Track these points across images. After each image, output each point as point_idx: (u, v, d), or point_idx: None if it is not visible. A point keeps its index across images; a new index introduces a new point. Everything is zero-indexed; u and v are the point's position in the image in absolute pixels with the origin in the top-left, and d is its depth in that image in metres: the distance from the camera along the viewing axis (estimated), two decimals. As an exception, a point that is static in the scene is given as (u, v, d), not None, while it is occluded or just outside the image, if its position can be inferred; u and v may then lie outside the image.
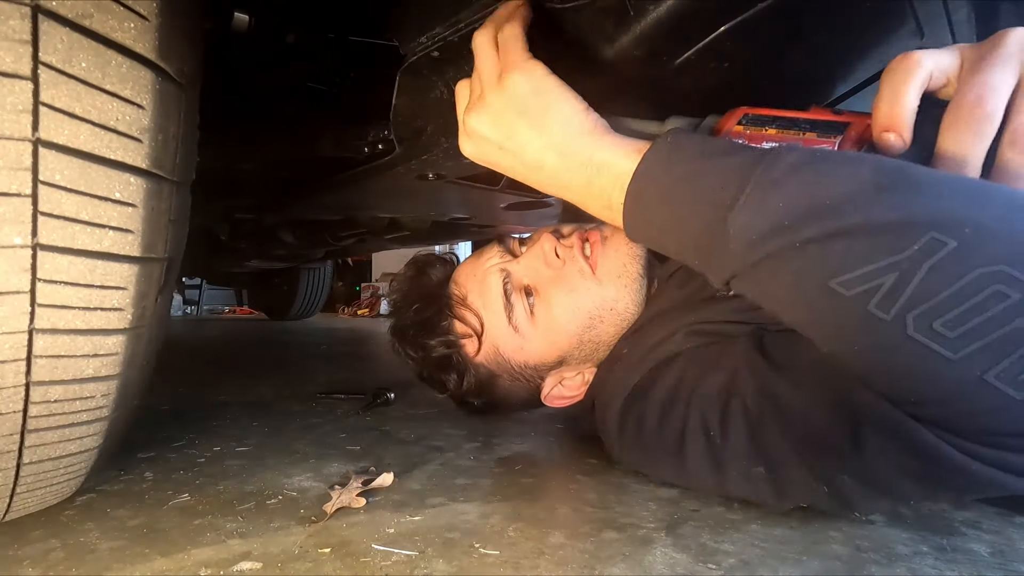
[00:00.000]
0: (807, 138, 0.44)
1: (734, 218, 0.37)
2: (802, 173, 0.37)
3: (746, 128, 0.45)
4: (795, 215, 0.35)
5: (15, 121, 0.34)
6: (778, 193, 0.36)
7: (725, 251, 0.38)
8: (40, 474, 0.47)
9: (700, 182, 0.39)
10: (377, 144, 0.76)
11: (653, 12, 0.42)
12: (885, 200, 0.34)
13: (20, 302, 0.37)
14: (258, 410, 1.00)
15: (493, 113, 0.46)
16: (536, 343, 0.68)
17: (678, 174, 0.40)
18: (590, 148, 0.44)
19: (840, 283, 0.34)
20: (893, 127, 0.39)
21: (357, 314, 4.65)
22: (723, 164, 0.39)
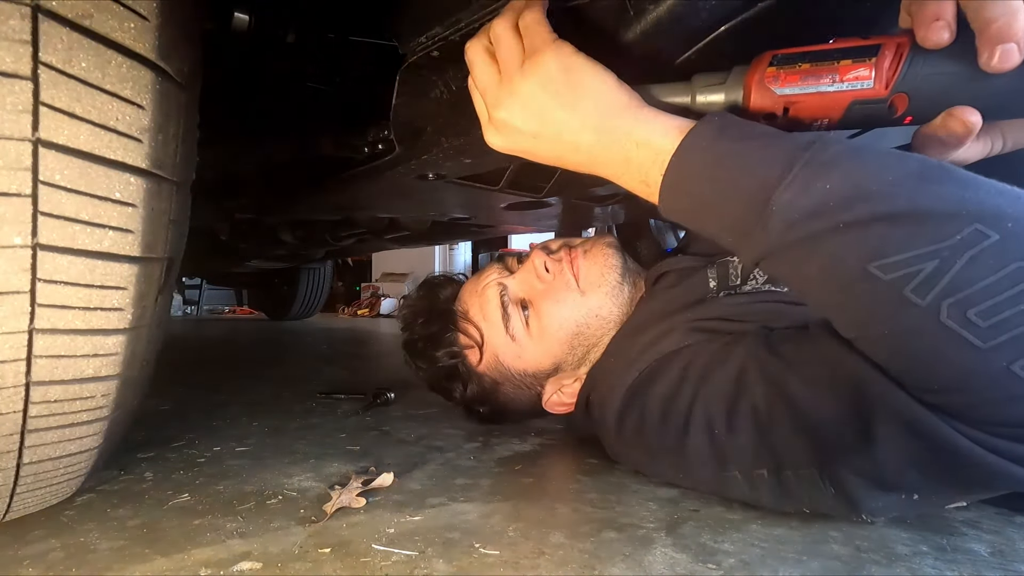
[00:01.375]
0: (843, 65, 0.43)
1: (779, 196, 0.38)
2: (850, 160, 0.38)
3: (779, 69, 0.45)
4: (840, 197, 0.36)
5: (15, 121, 0.34)
6: (825, 176, 0.37)
7: (764, 228, 0.39)
8: (40, 474, 0.47)
9: (746, 161, 0.40)
10: (377, 144, 0.76)
11: (653, 12, 0.42)
12: (931, 190, 0.35)
13: (20, 302, 0.37)
14: (258, 410, 1.00)
15: (522, 100, 0.46)
16: (532, 351, 0.73)
17: (722, 151, 0.41)
18: (628, 124, 0.44)
19: (878, 266, 0.35)
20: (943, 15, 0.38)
21: (357, 314, 4.65)
22: (770, 145, 0.40)
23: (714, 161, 0.41)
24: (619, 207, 1.16)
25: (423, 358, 0.80)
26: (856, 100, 0.42)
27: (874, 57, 0.42)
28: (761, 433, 0.50)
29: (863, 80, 0.42)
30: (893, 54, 0.42)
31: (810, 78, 0.44)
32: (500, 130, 0.49)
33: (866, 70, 0.42)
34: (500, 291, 0.74)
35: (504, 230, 1.63)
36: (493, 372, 0.76)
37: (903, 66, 0.41)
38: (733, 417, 0.52)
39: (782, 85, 0.44)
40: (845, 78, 0.42)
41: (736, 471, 0.53)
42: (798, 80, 0.44)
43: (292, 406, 1.04)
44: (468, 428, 0.88)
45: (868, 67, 0.42)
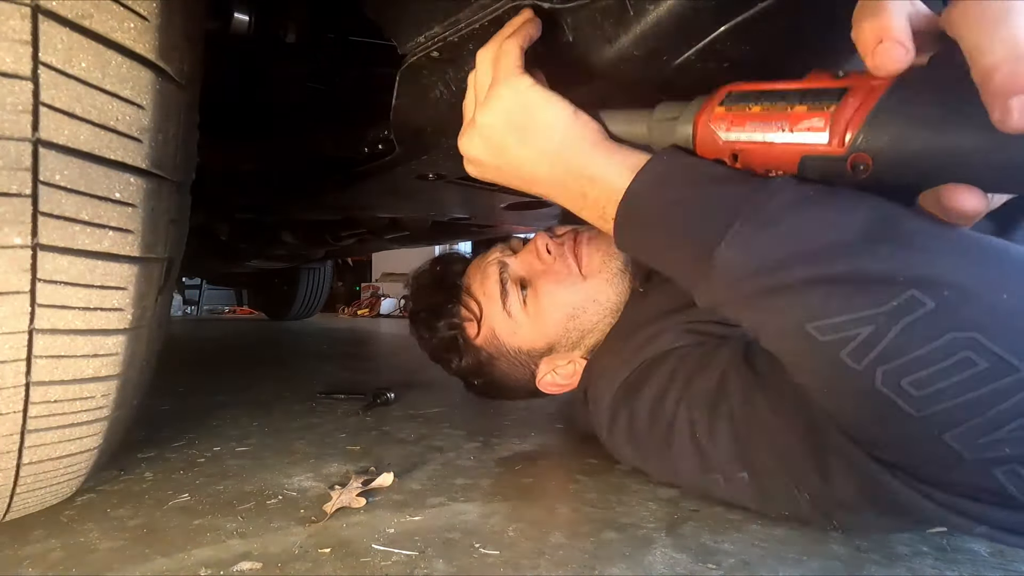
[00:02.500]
0: (795, 112, 0.37)
1: (720, 253, 0.37)
2: (792, 215, 0.36)
3: (728, 110, 0.40)
4: (780, 258, 0.36)
5: (15, 121, 0.34)
6: (765, 234, 0.36)
7: (709, 282, 0.39)
8: (40, 474, 0.47)
9: (689, 211, 0.40)
10: (377, 144, 0.76)
11: (653, 12, 0.42)
12: (873, 251, 0.34)
13: (20, 302, 0.37)
14: (258, 410, 1.00)
15: (482, 133, 0.46)
16: (527, 329, 0.74)
17: (668, 199, 0.40)
18: (582, 160, 0.44)
19: (815, 327, 0.35)
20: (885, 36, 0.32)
21: (357, 314, 4.65)
22: (713, 195, 0.39)
23: (660, 208, 0.41)
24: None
25: (425, 327, 0.82)
26: (807, 156, 0.36)
27: (834, 104, 0.35)
28: (738, 439, 0.50)
29: (816, 132, 0.35)
30: (859, 102, 0.34)
31: (759, 124, 0.38)
32: (468, 160, 0.50)
33: (820, 120, 0.35)
34: (500, 268, 0.76)
35: (504, 230, 1.63)
36: (489, 347, 0.77)
37: (866, 119, 0.33)
38: (714, 421, 0.52)
39: (728, 130, 0.39)
40: (796, 127, 0.36)
41: (718, 474, 0.53)
42: (745, 125, 0.39)
43: (292, 406, 1.04)
44: (468, 428, 0.88)
45: (824, 116, 0.35)
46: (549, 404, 1.09)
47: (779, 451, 0.48)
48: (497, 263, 0.76)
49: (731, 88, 0.40)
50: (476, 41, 0.50)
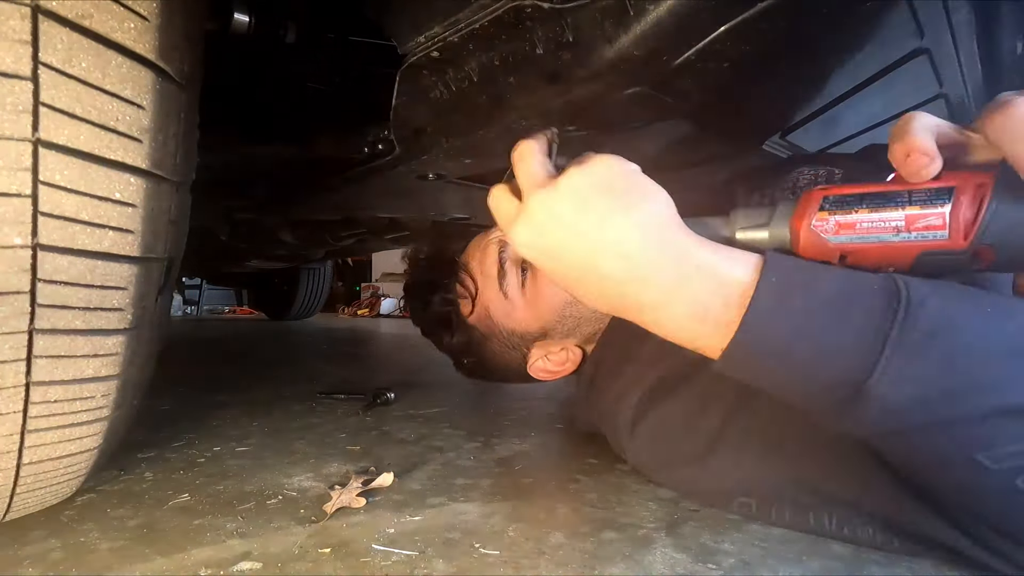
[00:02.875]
0: (910, 214, 0.38)
1: (872, 387, 0.35)
2: (945, 337, 0.35)
3: (831, 214, 0.40)
4: (944, 390, 0.34)
5: (15, 121, 0.34)
6: (922, 359, 0.34)
7: (853, 417, 0.37)
8: (40, 474, 0.47)
9: (823, 337, 0.36)
10: (377, 144, 0.76)
11: (653, 12, 0.42)
12: None
13: (20, 302, 0.37)
14: (258, 410, 1.00)
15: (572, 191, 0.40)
16: (522, 312, 0.72)
17: (796, 324, 0.36)
18: (686, 242, 0.39)
19: (988, 456, 0.34)
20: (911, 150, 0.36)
21: (357, 314, 4.65)
22: (847, 315, 0.36)
23: (786, 337, 0.36)
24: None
25: (418, 301, 0.81)
26: (926, 252, 0.38)
27: (947, 203, 0.37)
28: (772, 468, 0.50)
29: (935, 230, 0.37)
30: (971, 199, 0.36)
31: (871, 226, 0.39)
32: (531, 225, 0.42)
33: (938, 219, 0.37)
34: (500, 248, 0.73)
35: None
36: (482, 326, 0.75)
37: (985, 213, 0.36)
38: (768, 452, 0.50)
39: (837, 233, 0.39)
40: (913, 228, 0.38)
41: (754, 500, 0.52)
42: (854, 229, 0.39)
43: (292, 406, 1.04)
44: (468, 428, 0.88)
45: (940, 215, 0.37)
46: (549, 404, 1.09)
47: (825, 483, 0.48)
48: (497, 242, 0.74)
49: (826, 192, 0.41)
50: (476, 41, 0.50)
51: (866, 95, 0.63)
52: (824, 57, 0.56)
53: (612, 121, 0.58)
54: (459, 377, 0.87)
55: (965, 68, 0.65)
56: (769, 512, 0.52)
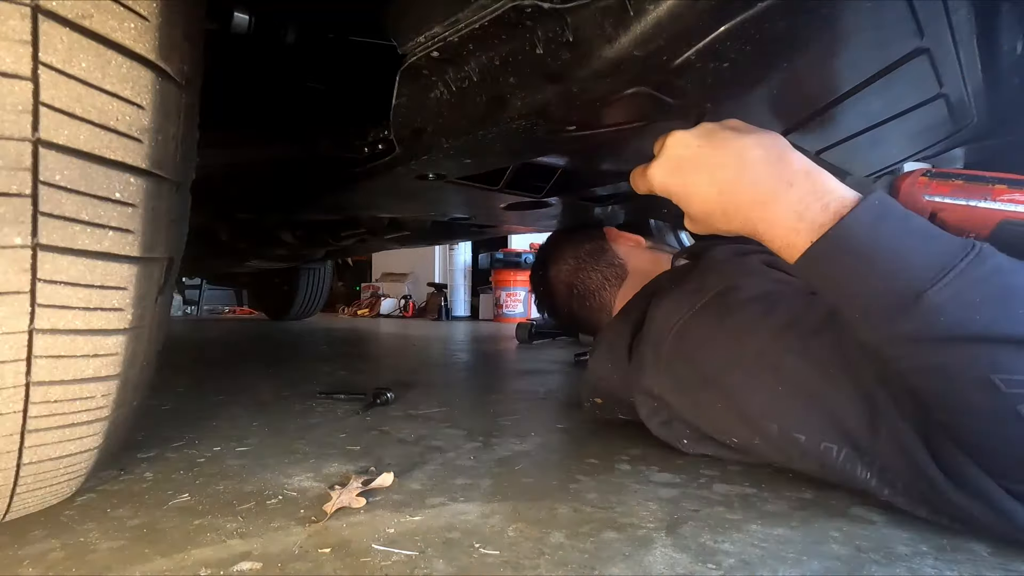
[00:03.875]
0: (998, 188, 0.47)
1: (931, 296, 0.42)
2: (1002, 277, 0.42)
3: (931, 179, 0.49)
4: (987, 313, 0.41)
5: (15, 121, 0.34)
6: (978, 289, 0.41)
7: (908, 318, 0.43)
8: (40, 474, 0.47)
9: (904, 252, 0.44)
10: (377, 144, 0.76)
11: (653, 12, 0.42)
12: None
13: (20, 302, 0.37)
14: (258, 410, 1.00)
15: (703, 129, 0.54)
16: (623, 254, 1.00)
17: (884, 237, 0.44)
18: (800, 159, 0.49)
19: (1003, 379, 0.40)
20: None
21: (357, 314, 4.65)
22: (930, 242, 0.44)
23: (878, 238, 0.44)
24: (619, 207, 1.16)
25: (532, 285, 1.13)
26: (1007, 220, 0.46)
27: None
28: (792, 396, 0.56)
29: (1017, 203, 0.45)
30: None
31: (961, 192, 0.47)
32: (681, 146, 0.55)
33: (1021, 195, 0.45)
34: None
35: (504, 230, 1.63)
36: None
37: None
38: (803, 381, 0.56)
39: (932, 193, 0.48)
40: (999, 198, 0.46)
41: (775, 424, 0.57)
42: (948, 191, 0.48)
43: (292, 406, 1.04)
44: (468, 428, 0.88)
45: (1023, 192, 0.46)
46: (549, 405, 1.09)
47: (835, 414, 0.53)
48: None
49: (928, 169, 0.50)
50: (476, 41, 0.50)
51: (866, 95, 0.63)
52: (824, 57, 0.55)
53: (612, 121, 0.58)
54: (459, 377, 0.88)
55: (965, 68, 0.65)
56: (788, 434, 0.56)
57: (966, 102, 0.74)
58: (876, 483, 0.52)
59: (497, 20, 0.47)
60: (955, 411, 0.45)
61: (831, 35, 0.52)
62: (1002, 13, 0.61)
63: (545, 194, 0.93)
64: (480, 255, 4.72)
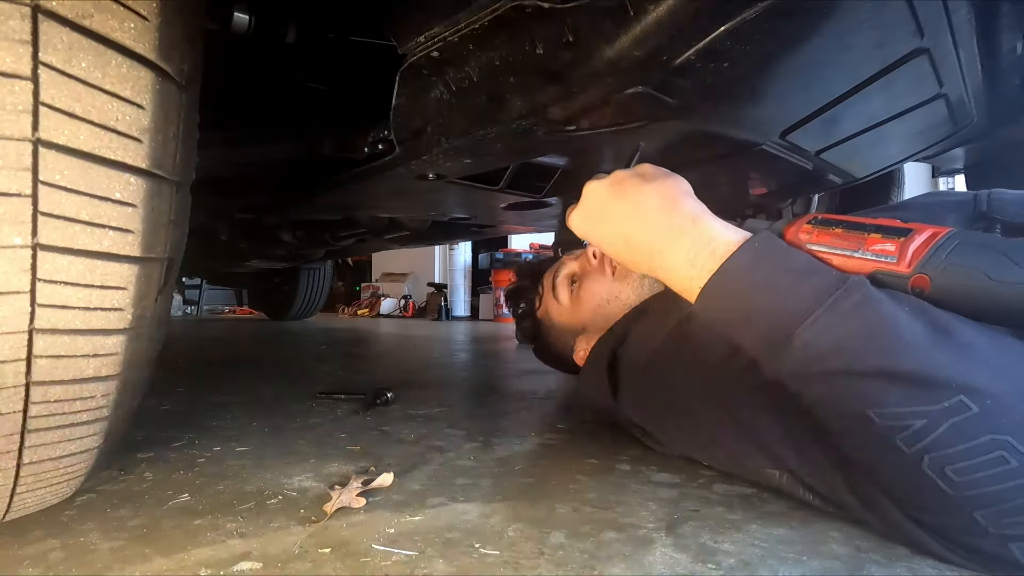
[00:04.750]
0: (871, 238, 0.49)
1: (800, 333, 0.44)
2: (869, 311, 0.43)
3: (815, 227, 0.52)
4: (854, 347, 0.43)
5: (15, 121, 0.34)
6: (845, 323, 0.43)
7: (781, 358, 0.46)
8: (40, 474, 0.47)
9: (777, 292, 0.46)
10: (377, 144, 0.76)
11: (652, 12, 0.42)
12: (934, 356, 0.41)
13: (20, 302, 0.37)
14: (258, 410, 1.00)
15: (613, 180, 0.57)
16: (568, 311, 0.94)
17: (760, 277, 0.47)
18: (694, 207, 0.53)
19: (876, 413, 0.41)
20: None
21: (357, 314, 4.65)
22: (800, 282, 0.46)
23: (752, 284, 0.47)
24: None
25: (512, 300, 1.09)
26: (878, 271, 0.48)
27: (903, 237, 0.48)
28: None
29: (887, 255, 0.48)
30: (924, 239, 0.47)
31: (838, 241, 0.50)
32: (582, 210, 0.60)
33: (892, 246, 0.48)
34: (556, 270, 0.96)
35: (504, 230, 1.63)
36: (545, 319, 0.98)
37: (928, 251, 0.46)
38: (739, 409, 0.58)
39: (813, 241, 0.51)
40: (871, 249, 0.48)
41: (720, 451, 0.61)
42: (828, 240, 0.50)
43: (292, 406, 1.04)
44: (468, 428, 0.88)
45: (895, 244, 0.48)
46: (549, 405, 1.09)
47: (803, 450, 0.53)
48: (563, 265, 0.97)
49: (815, 215, 0.53)
50: (476, 41, 0.50)
51: (866, 95, 0.63)
52: (824, 57, 0.55)
53: (612, 121, 0.58)
54: (459, 377, 0.88)
55: (965, 68, 0.65)
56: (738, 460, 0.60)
57: (966, 102, 0.74)
58: (820, 503, 0.54)
59: (497, 20, 0.47)
60: (848, 444, 0.47)
61: (831, 35, 0.52)
62: (1002, 13, 0.61)
63: (545, 194, 0.93)
64: (480, 255, 4.73)
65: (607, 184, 0.57)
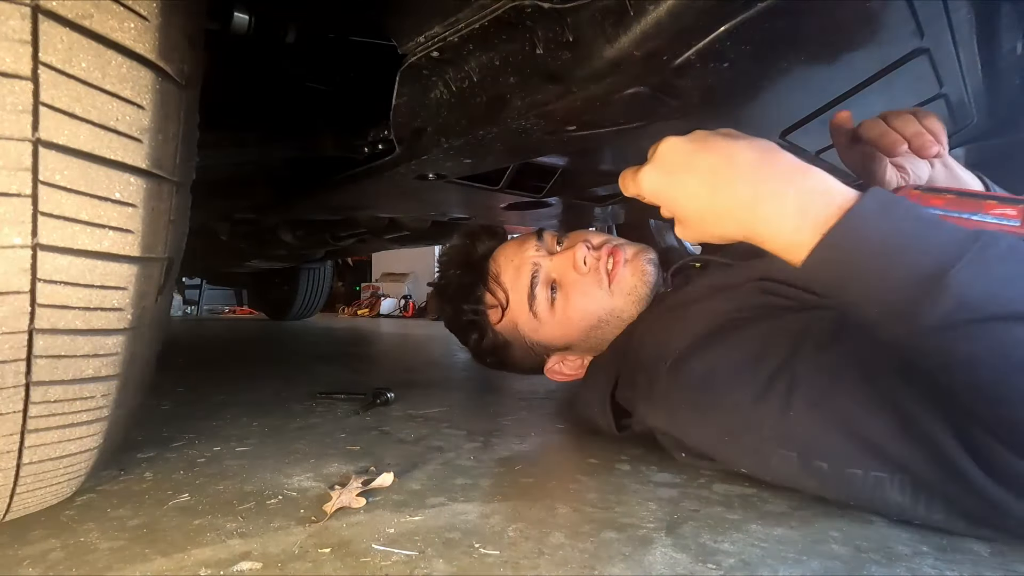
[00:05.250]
0: (988, 203, 0.48)
1: (955, 275, 0.39)
2: (1011, 262, 0.40)
3: (924, 193, 0.50)
4: (1011, 293, 0.39)
5: (15, 121, 0.34)
6: (1001, 267, 0.40)
7: (933, 304, 0.40)
8: (40, 474, 0.47)
9: (919, 238, 0.42)
10: (377, 144, 0.76)
11: (653, 12, 0.42)
12: None
13: (20, 302, 0.37)
14: (258, 410, 1.00)
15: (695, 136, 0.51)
16: (549, 329, 0.80)
17: (895, 225, 0.42)
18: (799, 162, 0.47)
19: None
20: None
21: (357, 314, 4.65)
22: (941, 228, 0.42)
23: (889, 228, 0.42)
24: (619, 207, 1.16)
25: (450, 304, 0.86)
26: None
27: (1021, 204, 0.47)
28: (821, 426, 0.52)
29: (1009, 218, 0.47)
30: None
31: (954, 206, 0.48)
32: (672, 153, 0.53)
33: (1013, 211, 0.47)
34: (533, 271, 0.79)
35: (507, 230, 1.63)
36: (508, 333, 0.83)
37: None
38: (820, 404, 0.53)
39: (926, 206, 0.48)
40: (991, 212, 0.47)
41: (795, 452, 0.54)
42: (942, 204, 0.49)
43: (292, 406, 1.04)
44: (468, 428, 0.88)
45: (1016, 209, 0.47)
46: (549, 405, 1.09)
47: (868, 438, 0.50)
48: (531, 264, 0.79)
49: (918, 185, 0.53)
50: (476, 41, 0.50)
51: (866, 95, 0.63)
52: (824, 57, 0.56)
53: (612, 121, 0.58)
54: (459, 377, 0.88)
55: (965, 68, 0.65)
56: (809, 465, 0.53)
57: (966, 102, 0.74)
58: (910, 502, 0.50)
59: (497, 20, 0.47)
60: (995, 399, 0.42)
61: (831, 35, 0.52)
62: (1002, 13, 0.61)
63: (545, 194, 0.93)
64: (480, 255, 4.71)
65: (688, 139, 0.51)
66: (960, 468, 0.45)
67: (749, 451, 0.58)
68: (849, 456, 0.51)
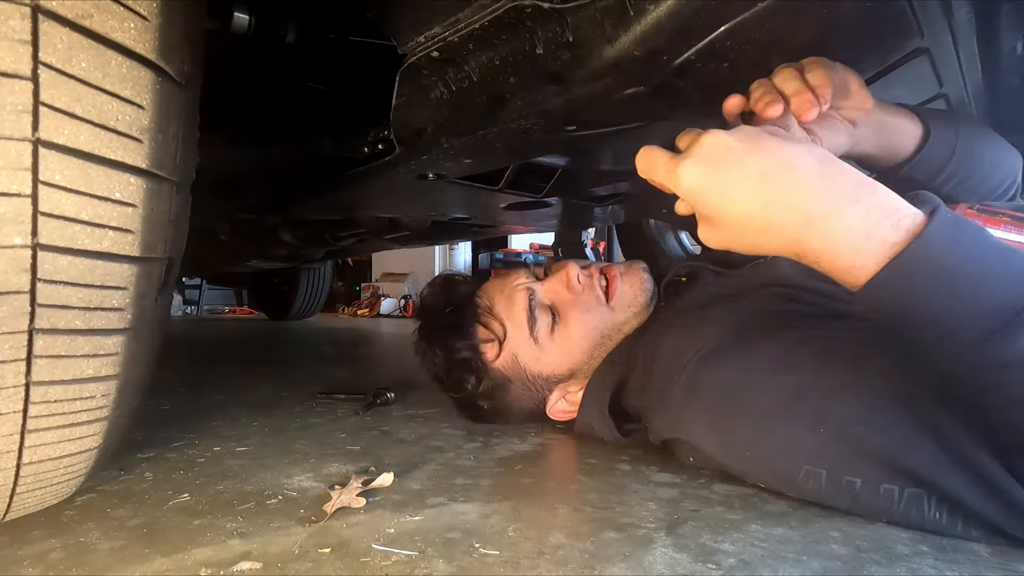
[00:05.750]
0: None
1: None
2: None
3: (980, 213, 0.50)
4: None
5: (15, 121, 0.34)
6: None
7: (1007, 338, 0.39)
8: (40, 474, 0.47)
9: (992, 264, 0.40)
10: (377, 144, 0.76)
11: (653, 12, 0.42)
12: None
13: (20, 302, 0.37)
14: (258, 410, 1.00)
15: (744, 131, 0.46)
16: (552, 355, 0.77)
17: (967, 252, 0.41)
18: (866, 177, 0.44)
19: None
20: None
21: (357, 314, 4.64)
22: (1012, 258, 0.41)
23: (961, 258, 0.40)
24: (619, 207, 1.16)
25: (441, 346, 0.80)
26: None
27: None
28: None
29: None
30: None
31: (1013, 228, 0.48)
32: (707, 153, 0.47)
33: None
34: (528, 295, 0.76)
35: (504, 230, 1.63)
36: (507, 370, 0.78)
37: None
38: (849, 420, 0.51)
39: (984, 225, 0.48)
40: None
41: (824, 469, 0.53)
42: (1000, 226, 0.48)
43: (292, 406, 1.04)
44: (468, 428, 0.88)
45: None
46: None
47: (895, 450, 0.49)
48: (525, 289, 0.77)
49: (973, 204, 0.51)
50: (476, 41, 0.50)
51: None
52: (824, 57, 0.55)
53: (612, 121, 0.58)
54: (459, 377, 0.86)
55: (965, 68, 0.65)
56: (840, 482, 0.52)
57: (966, 102, 0.74)
58: (947, 519, 0.49)
59: (497, 20, 0.47)
60: None
61: (831, 35, 0.52)
62: (1002, 13, 0.61)
63: (545, 194, 0.93)
64: (480, 255, 4.72)
65: (736, 136, 0.45)
66: (1005, 490, 0.45)
67: (772, 465, 0.57)
68: (883, 473, 0.50)
